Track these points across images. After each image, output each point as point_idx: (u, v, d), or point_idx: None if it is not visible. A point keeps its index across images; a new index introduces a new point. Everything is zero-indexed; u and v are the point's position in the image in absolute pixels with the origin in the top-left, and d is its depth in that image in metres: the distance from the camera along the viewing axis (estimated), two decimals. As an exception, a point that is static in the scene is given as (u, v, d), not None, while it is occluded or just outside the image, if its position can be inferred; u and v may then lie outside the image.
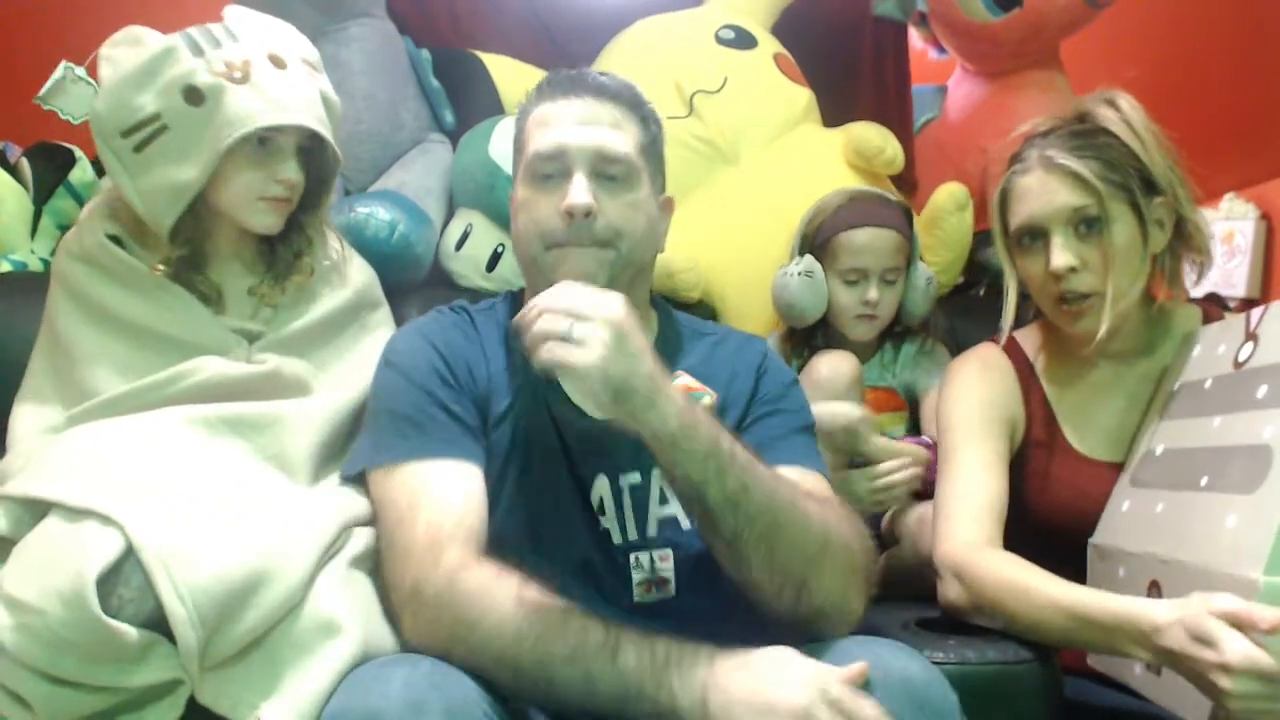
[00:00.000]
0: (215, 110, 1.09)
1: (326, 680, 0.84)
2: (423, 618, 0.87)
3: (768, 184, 1.80)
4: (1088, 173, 1.14)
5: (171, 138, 1.10)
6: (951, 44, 2.26)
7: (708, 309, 1.79)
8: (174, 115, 1.10)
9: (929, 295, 1.62)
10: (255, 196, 1.15)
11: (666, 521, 1.04)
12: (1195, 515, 0.99)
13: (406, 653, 0.88)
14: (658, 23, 1.96)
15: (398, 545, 0.92)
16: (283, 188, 1.16)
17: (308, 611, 0.89)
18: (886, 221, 1.58)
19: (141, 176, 1.12)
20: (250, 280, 1.21)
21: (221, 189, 1.14)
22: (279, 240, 1.23)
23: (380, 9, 1.83)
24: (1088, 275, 1.16)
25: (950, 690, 0.84)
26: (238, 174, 1.13)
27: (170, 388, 1.08)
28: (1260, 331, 1.06)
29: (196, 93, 1.09)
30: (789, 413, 1.11)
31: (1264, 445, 0.94)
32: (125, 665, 0.83)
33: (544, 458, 1.04)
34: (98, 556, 0.82)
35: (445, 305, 1.15)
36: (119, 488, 0.90)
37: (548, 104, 1.07)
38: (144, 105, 1.10)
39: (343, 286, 1.27)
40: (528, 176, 1.06)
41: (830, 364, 1.45)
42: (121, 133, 1.11)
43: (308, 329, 1.21)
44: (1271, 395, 0.98)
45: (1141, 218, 1.16)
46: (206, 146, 1.09)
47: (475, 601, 0.85)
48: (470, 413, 1.02)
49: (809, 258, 1.58)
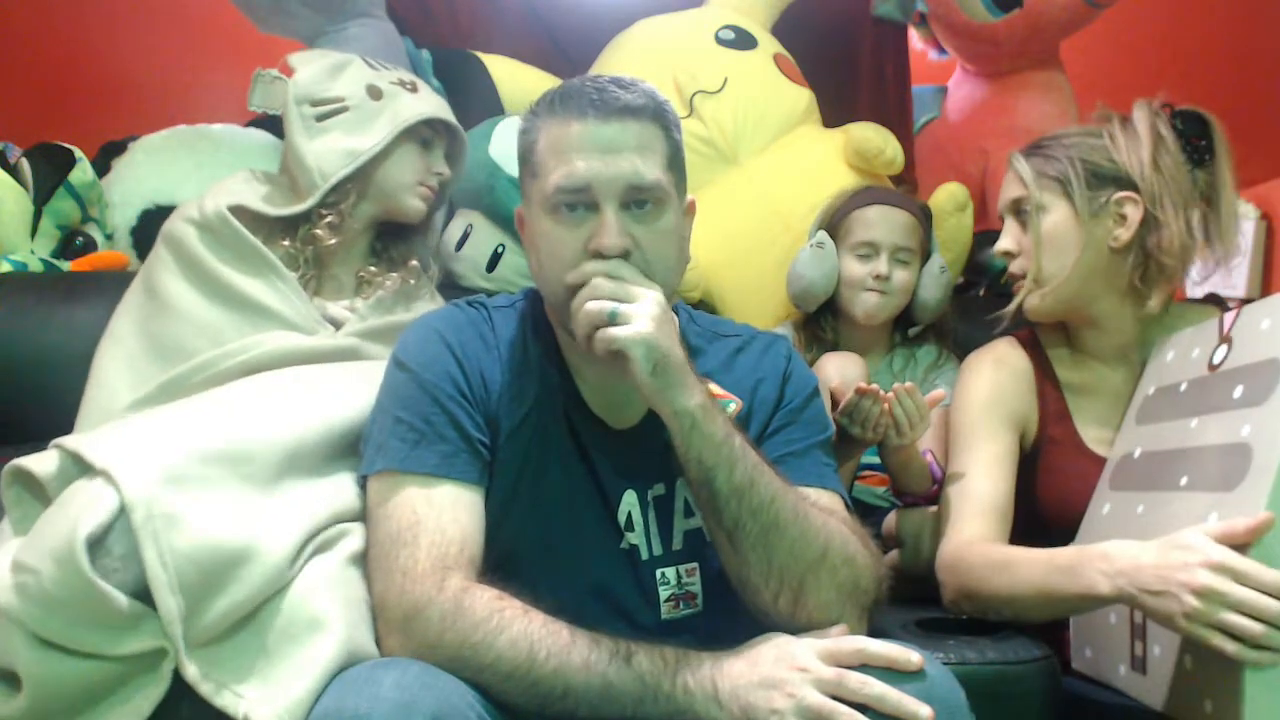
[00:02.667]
0: (391, 104, 1.37)
1: (313, 680, 0.84)
2: (419, 638, 0.86)
3: (768, 184, 1.80)
4: (1023, 169, 1.26)
5: (351, 117, 1.36)
6: (951, 44, 2.26)
7: (708, 309, 1.78)
8: (357, 102, 1.36)
9: (942, 284, 1.61)
10: (417, 180, 1.38)
11: (692, 534, 1.02)
12: (1177, 514, 0.99)
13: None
14: (658, 23, 1.96)
15: (396, 563, 0.89)
16: (437, 180, 1.41)
17: (296, 603, 0.89)
18: (899, 203, 1.61)
19: (318, 139, 1.34)
20: (353, 271, 1.38)
21: (390, 168, 1.37)
22: (394, 242, 1.43)
23: (380, 9, 1.84)
24: (1022, 259, 1.27)
25: (958, 686, 0.84)
26: (407, 157, 1.38)
27: (238, 358, 1.18)
28: (1234, 334, 1.07)
29: (377, 90, 1.38)
30: (810, 424, 1.07)
31: (1242, 443, 0.94)
32: (112, 631, 0.84)
33: (564, 472, 1.00)
34: (90, 517, 0.83)
35: (464, 300, 1.08)
36: (134, 442, 0.92)
37: (566, 126, 0.96)
38: (333, 89, 1.37)
39: (433, 302, 1.42)
40: (548, 208, 0.96)
41: (840, 368, 1.44)
42: (311, 102, 1.35)
43: (392, 327, 1.29)
44: (1248, 395, 0.98)
45: (1076, 208, 1.22)
46: (383, 127, 1.35)
47: (484, 623, 0.84)
48: (480, 429, 0.97)
49: (822, 232, 1.61)
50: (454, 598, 0.86)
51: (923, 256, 1.61)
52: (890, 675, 0.81)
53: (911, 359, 1.62)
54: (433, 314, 1.07)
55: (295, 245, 1.33)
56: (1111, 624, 1.07)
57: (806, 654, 0.83)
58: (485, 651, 0.83)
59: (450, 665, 0.83)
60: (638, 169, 0.95)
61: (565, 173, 0.94)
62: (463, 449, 0.95)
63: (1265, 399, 0.95)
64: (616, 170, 0.94)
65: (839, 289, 1.59)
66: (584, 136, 0.95)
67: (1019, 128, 2.15)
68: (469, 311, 1.05)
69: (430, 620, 0.85)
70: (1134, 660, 1.03)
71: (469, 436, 0.96)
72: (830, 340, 1.61)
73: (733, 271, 1.77)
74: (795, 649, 0.84)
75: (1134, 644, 1.03)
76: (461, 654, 0.84)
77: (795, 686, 0.80)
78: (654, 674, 0.83)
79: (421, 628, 0.86)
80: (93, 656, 0.84)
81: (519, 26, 2.04)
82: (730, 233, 1.78)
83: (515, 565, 0.95)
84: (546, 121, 0.98)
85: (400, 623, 0.87)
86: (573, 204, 0.95)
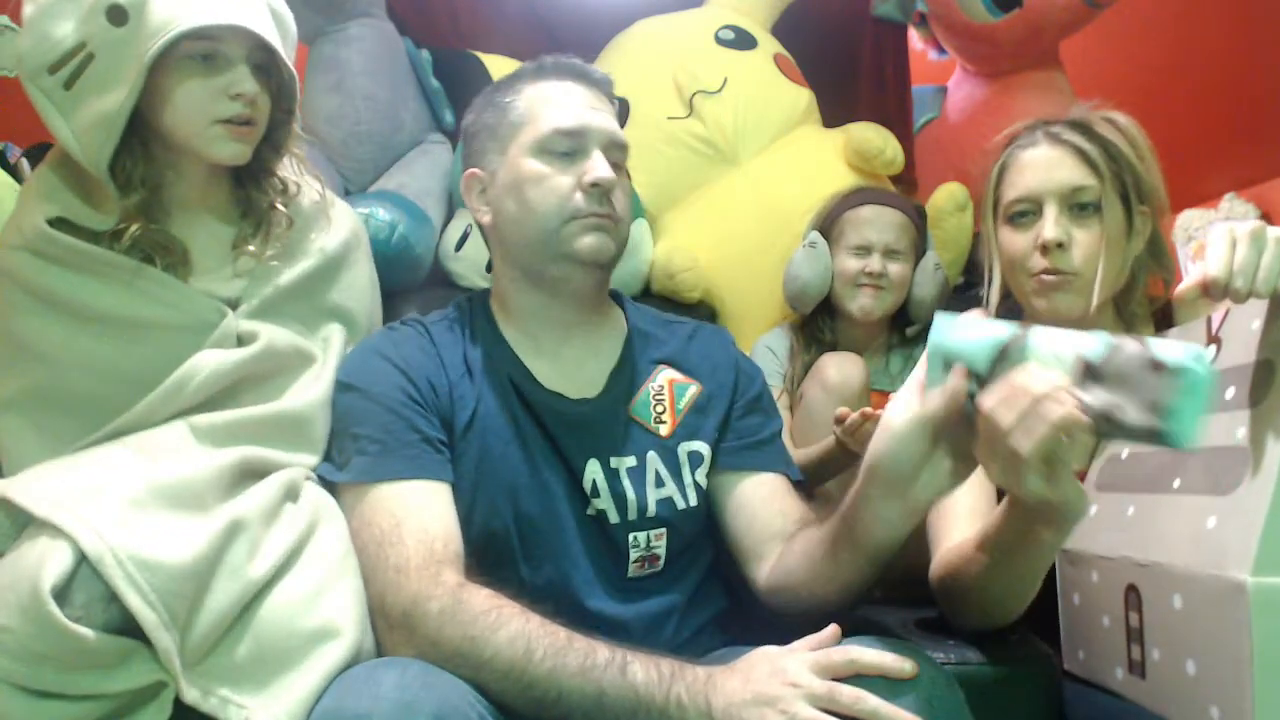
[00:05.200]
0: (139, 25, 0.98)
1: (317, 681, 0.84)
2: (420, 633, 0.87)
3: (768, 184, 1.80)
4: (1094, 152, 1.16)
5: (98, 66, 0.99)
6: (951, 45, 2.26)
7: (708, 309, 1.79)
8: (99, 41, 0.99)
9: (937, 282, 1.62)
10: (210, 119, 1.02)
11: (663, 502, 1.06)
12: (1170, 518, 0.99)
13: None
14: (658, 23, 1.97)
15: (387, 562, 0.91)
16: (240, 104, 1.03)
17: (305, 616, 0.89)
18: (892, 203, 1.62)
19: (74, 115, 1.00)
20: (225, 233, 1.10)
21: (169, 113, 1.02)
22: (250, 184, 1.11)
23: (380, 9, 1.84)
24: (1074, 253, 1.17)
25: (956, 688, 0.85)
26: (183, 92, 1.01)
27: (177, 398, 0.99)
28: (1223, 335, 1.06)
29: (119, 11, 0.98)
30: (767, 412, 1.16)
31: (1238, 446, 0.94)
32: (104, 671, 0.83)
33: (525, 450, 1.04)
34: (50, 568, 0.81)
35: (398, 320, 1.12)
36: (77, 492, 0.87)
37: (553, 83, 1.09)
38: (67, 36, 0.99)
39: (328, 234, 1.15)
40: (538, 150, 1.05)
41: (840, 369, 1.44)
42: (48, 69, 1.00)
43: (293, 286, 1.10)
44: (1240, 396, 0.97)
45: (1130, 217, 1.18)
46: (133, 65, 0.98)
47: (484, 618, 0.85)
48: (437, 428, 1.01)
49: (814, 232, 1.62)
50: (451, 592, 0.87)
51: (917, 255, 1.62)
52: (884, 683, 0.82)
53: (909, 359, 1.62)
54: (368, 338, 1.11)
55: (128, 239, 1.02)
56: (1105, 627, 1.07)
57: (799, 668, 0.83)
58: (484, 646, 0.84)
59: (451, 662, 0.84)
60: (616, 128, 1.09)
61: (563, 117, 1.06)
62: (426, 450, 0.99)
63: (1260, 401, 0.95)
64: (603, 122, 1.08)
65: (834, 288, 1.60)
66: (574, 94, 1.08)
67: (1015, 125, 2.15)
68: (403, 329, 1.10)
69: (429, 614, 0.87)
70: (1131, 664, 1.02)
71: (429, 438, 1.00)
72: (829, 341, 1.62)
73: (732, 272, 1.77)
74: (788, 663, 0.84)
75: (1130, 647, 1.02)
76: (461, 649, 0.84)
77: (788, 703, 0.80)
78: (648, 686, 0.83)
79: (421, 622, 0.87)
80: (89, 698, 0.83)
81: (519, 26, 2.04)
82: (730, 233, 1.78)
83: (492, 545, 1.00)
84: (531, 84, 1.10)
85: (400, 619, 0.88)
86: (566, 149, 1.05)
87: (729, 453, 1.11)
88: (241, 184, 1.12)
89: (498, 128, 1.09)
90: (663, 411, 1.10)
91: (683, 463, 1.09)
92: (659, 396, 1.10)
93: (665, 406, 1.10)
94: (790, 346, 1.63)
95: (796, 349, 1.62)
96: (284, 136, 1.12)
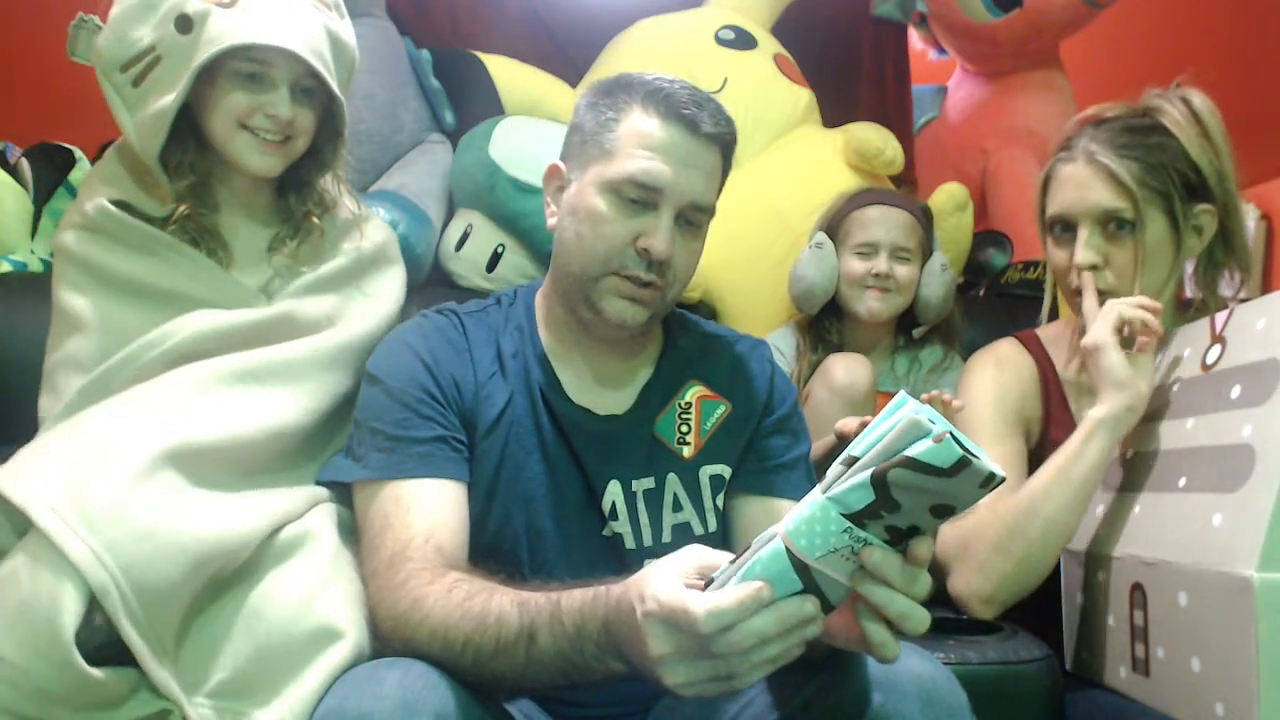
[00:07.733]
0: (200, 35, 1.06)
1: (320, 681, 0.85)
2: (383, 638, 0.89)
3: (768, 184, 1.80)
4: (1126, 175, 1.14)
5: (163, 68, 1.08)
6: (951, 44, 2.27)
7: (708, 309, 1.79)
8: (167, 45, 1.08)
9: (944, 282, 1.61)
10: (238, 125, 1.11)
11: (680, 528, 1.04)
12: (1176, 516, 0.99)
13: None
14: (658, 23, 1.96)
15: (369, 568, 0.93)
16: (272, 123, 1.11)
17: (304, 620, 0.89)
18: (899, 203, 1.61)
19: (138, 111, 1.10)
20: (264, 236, 1.18)
21: (211, 120, 1.11)
22: (292, 194, 1.20)
23: (380, 9, 1.84)
24: (1108, 274, 1.17)
25: (959, 688, 0.84)
26: (226, 104, 1.10)
27: (161, 346, 1.05)
28: (1227, 334, 1.06)
29: (187, 20, 1.07)
30: (796, 434, 1.11)
31: (1244, 444, 0.94)
32: (114, 705, 0.85)
33: (547, 462, 1.03)
34: (69, 610, 0.81)
35: (432, 309, 1.11)
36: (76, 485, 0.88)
37: (653, 122, 0.99)
38: (141, 38, 1.09)
39: (360, 241, 1.24)
40: (608, 190, 0.99)
41: (848, 370, 1.43)
42: (120, 67, 1.10)
43: (322, 278, 1.18)
44: (1246, 395, 0.98)
45: (1176, 223, 1.16)
46: (188, 71, 1.07)
47: (413, 612, 0.85)
48: (454, 428, 1.00)
49: (820, 233, 1.61)
50: (392, 591, 0.88)
51: (924, 256, 1.61)
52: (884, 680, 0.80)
53: (915, 361, 1.61)
54: (401, 327, 1.10)
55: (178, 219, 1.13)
56: (1110, 626, 1.07)
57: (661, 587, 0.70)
58: (418, 646, 0.83)
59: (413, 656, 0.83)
60: (703, 191, 1.01)
61: (644, 168, 0.98)
62: (438, 448, 0.98)
63: (1266, 399, 0.94)
64: (688, 185, 0.99)
65: (841, 289, 1.59)
66: (668, 141, 0.99)
67: (1019, 128, 2.16)
68: (436, 319, 1.08)
69: (382, 618, 0.89)
70: (1135, 663, 1.02)
71: (443, 437, 0.99)
72: (835, 342, 1.61)
73: (733, 272, 1.77)
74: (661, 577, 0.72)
75: (1134, 646, 1.02)
76: (411, 647, 0.84)
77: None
78: (556, 653, 0.77)
79: (378, 624, 0.89)
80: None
81: (519, 26, 2.04)
82: (730, 233, 1.77)
83: (503, 555, 0.99)
84: (633, 109, 1.01)
85: (371, 624, 0.91)
86: (637, 198, 0.99)
87: (748, 474, 1.08)
88: (283, 193, 1.21)
89: (588, 142, 1.03)
90: (688, 432, 1.07)
91: (704, 486, 1.06)
92: (685, 416, 1.07)
93: (691, 426, 1.07)
94: (797, 346, 1.63)
95: (803, 349, 1.62)
96: (330, 154, 1.20)
